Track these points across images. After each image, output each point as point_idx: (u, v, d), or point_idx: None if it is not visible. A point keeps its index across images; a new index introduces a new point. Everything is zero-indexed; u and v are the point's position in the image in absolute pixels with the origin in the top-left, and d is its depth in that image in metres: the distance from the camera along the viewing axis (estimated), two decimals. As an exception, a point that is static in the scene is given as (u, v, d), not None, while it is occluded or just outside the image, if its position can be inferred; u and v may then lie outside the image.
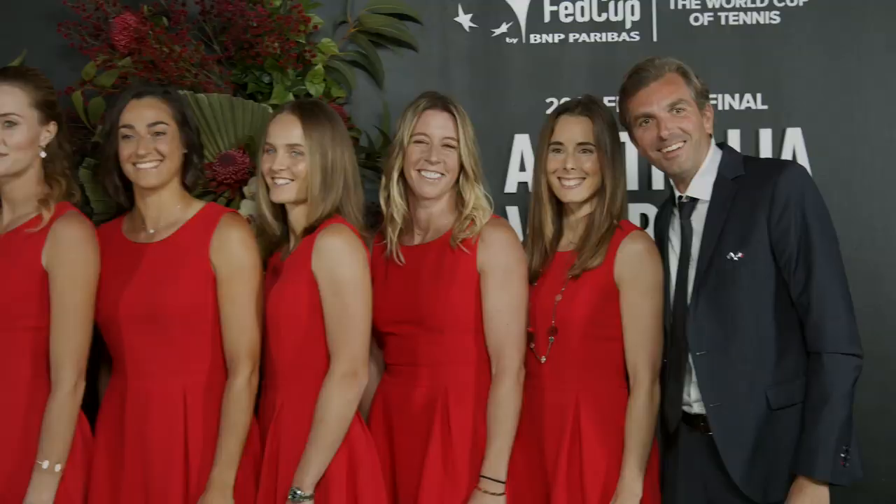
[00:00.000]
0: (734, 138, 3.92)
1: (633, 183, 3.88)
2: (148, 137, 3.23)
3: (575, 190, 3.35)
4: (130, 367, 3.22)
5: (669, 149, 3.22)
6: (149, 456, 3.17)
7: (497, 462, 3.22)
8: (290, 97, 3.75)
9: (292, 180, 3.24)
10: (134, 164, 3.24)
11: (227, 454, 3.14)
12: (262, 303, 3.24)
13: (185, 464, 3.16)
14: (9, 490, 3.10)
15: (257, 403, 3.26)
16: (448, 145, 3.33)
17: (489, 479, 3.21)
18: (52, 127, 3.26)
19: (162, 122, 3.25)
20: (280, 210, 3.33)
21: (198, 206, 3.31)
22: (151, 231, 3.29)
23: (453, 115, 3.34)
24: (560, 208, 3.43)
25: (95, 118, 3.67)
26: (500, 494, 3.21)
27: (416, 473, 3.25)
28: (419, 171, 3.33)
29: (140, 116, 3.24)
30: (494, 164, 3.75)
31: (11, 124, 3.19)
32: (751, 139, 3.94)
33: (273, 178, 3.26)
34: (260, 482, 3.20)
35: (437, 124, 3.34)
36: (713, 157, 3.27)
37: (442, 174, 3.32)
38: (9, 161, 3.19)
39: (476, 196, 3.34)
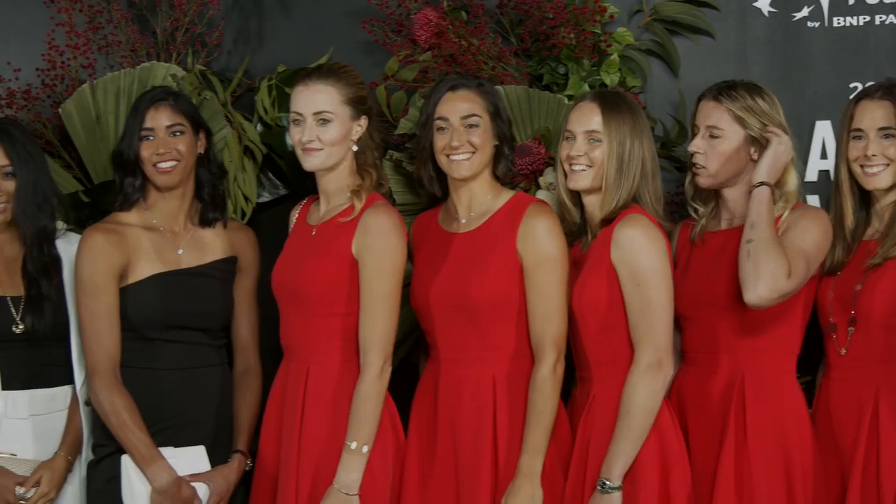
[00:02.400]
0: None
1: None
2: (461, 130, 3.30)
3: (878, 177, 3.24)
4: (443, 354, 3.30)
5: None
6: (460, 441, 3.24)
7: None
8: (586, 87, 3.75)
9: (589, 166, 3.26)
10: (447, 155, 3.31)
11: (534, 442, 3.17)
12: (568, 292, 3.26)
13: (494, 450, 3.21)
14: (319, 469, 3.23)
15: (566, 393, 3.29)
16: (715, 135, 3.29)
17: None
18: (364, 121, 3.35)
19: (475, 115, 3.31)
20: (578, 198, 3.35)
21: (507, 195, 3.36)
22: (463, 221, 3.36)
23: (720, 102, 3.28)
24: (865, 197, 3.32)
25: (397, 112, 3.77)
26: None
27: (712, 467, 3.21)
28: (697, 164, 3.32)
29: (454, 109, 3.31)
30: (795, 151, 3.65)
31: (326, 121, 3.30)
32: None
33: (570, 165, 3.28)
34: (569, 472, 3.23)
35: (706, 113, 3.30)
36: None
37: (704, 166, 3.28)
38: (323, 156, 3.31)
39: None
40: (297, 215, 3.50)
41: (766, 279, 3.09)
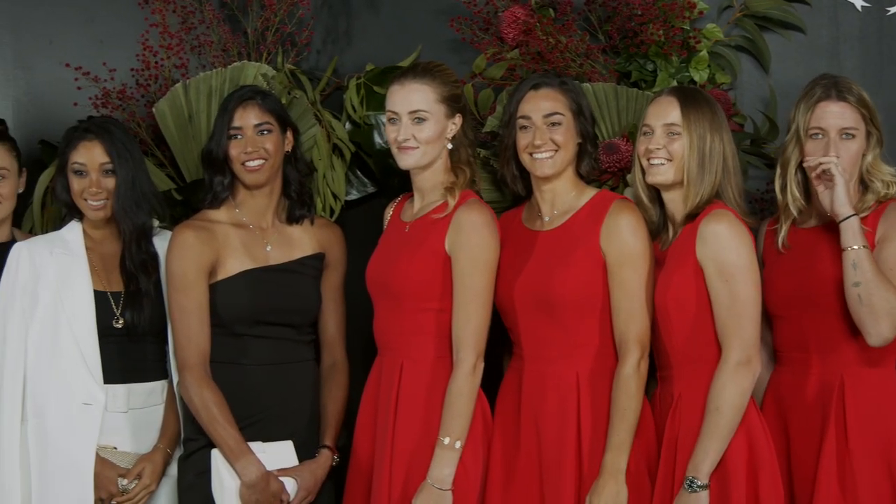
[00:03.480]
0: None
1: None
2: (544, 128, 3.30)
3: None
4: (527, 351, 3.30)
5: None
6: (544, 439, 3.23)
7: None
8: (674, 84, 3.73)
9: (669, 160, 3.23)
10: (530, 154, 3.31)
11: (618, 440, 3.15)
12: (651, 290, 3.23)
13: (578, 448, 3.20)
14: (413, 464, 3.24)
15: (650, 391, 3.27)
16: (849, 135, 3.23)
17: None
18: (458, 119, 3.36)
19: (558, 113, 3.30)
20: (656, 194, 3.33)
21: (590, 192, 3.35)
22: (547, 219, 3.36)
23: (849, 102, 3.22)
24: None
25: (485, 110, 3.78)
26: None
27: (812, 469, 3.16)
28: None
29: (537, 107, 3.31)
30: (890, 149, 3.57)
31: (421, 120, 3.31)
32: None
33: (649, 159, 3.26)
34: (657, 473, 3.21)
35: (834, 114, 3.23)
36: None
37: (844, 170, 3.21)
38: (419, 154, 3.32)
39: (881, 173, 3.25)
40: (391, 212, 3.53)
41: (885, 319, 3.08)
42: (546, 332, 3.26)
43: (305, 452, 3.41)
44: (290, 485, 3.34)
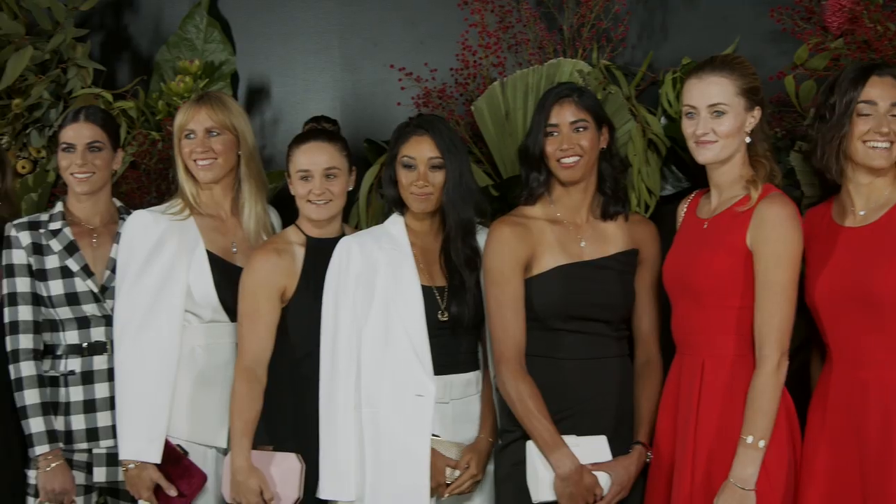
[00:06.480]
0: None
1: None
2: (889, 118, 3.20)
3: None
4: (842, 354, 3.21)
5: None
6: (866, 447, 3.13)
7: None
8: None
9: None
10: (865, 142, 3.21)
11: None
12: None
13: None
14: (713, 463, 3.20)
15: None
16: None
17: None
18: (757, 112, 3.30)
19: None
20: None
21: None
22: (861, 213, 3.25)
23: None
24: None
25: (806, 102, 3.68)
26: None
27: None
28: None
29: (884, 95, 3.21)
30: None
31: (720, 114, 3.27)
32: None
33: None
34: None
35: None
36: None
37: None
38: (718, 148, 3.28)
39: None
40: (685, 209, 3.50)
41: None
42: (864, 333, 3.16)
43: (617, 448, 3.42)
44: (603, 479, 3.36)
